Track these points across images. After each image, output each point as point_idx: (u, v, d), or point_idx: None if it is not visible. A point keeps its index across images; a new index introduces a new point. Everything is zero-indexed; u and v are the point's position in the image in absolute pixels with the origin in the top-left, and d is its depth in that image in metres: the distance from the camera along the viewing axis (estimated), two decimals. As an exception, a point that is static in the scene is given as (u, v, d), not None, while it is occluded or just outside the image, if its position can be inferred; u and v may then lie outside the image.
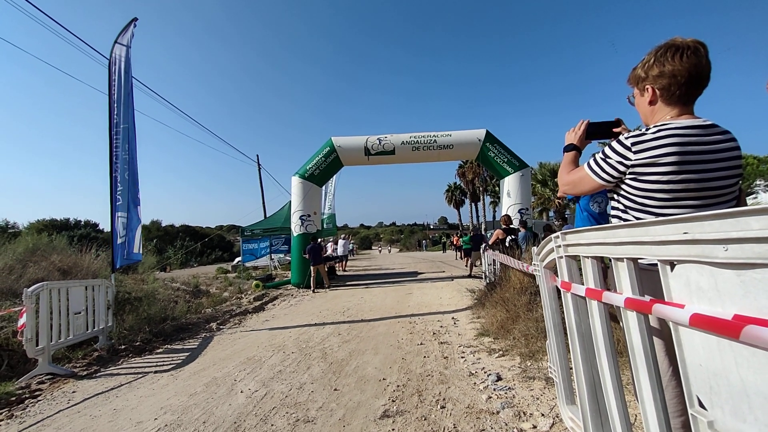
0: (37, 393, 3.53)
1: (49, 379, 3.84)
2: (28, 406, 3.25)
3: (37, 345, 3.89)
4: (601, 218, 4.56)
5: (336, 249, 15.89)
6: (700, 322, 0.85)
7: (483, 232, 12.88)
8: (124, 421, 2.82)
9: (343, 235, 20.48)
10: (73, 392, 3.53)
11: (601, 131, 1.73)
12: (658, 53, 1.34)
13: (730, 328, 0.77)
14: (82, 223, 32.68)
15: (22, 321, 3.84)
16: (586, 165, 1.53)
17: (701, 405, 0.89)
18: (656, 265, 1.03)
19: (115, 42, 5.84)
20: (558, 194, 2.24)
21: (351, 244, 28.35)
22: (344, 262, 17.34)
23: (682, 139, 1.25)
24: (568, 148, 1.71)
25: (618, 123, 1.71)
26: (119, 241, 5.45)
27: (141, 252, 5.96)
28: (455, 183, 45.55)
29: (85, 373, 4.07)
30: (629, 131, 1.48)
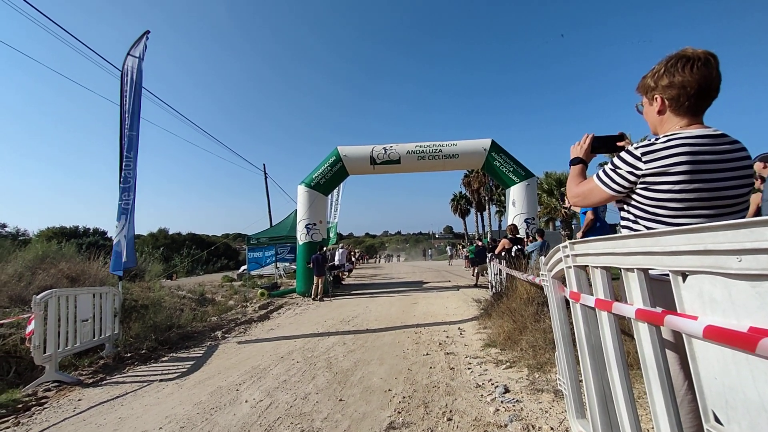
0: (43, 400, 3.54)
1: (55, 387, 3.85)
2: (34, 413, 3.26)
3: (44, 352, 3.91)
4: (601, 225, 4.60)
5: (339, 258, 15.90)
6: (714, 334, 0.83)
7: (485, 245, 12.77)
8: (129, 430, 2.81)
9: (341, 245, 20.41)
10: (79, 400, 3.53)
11: (606, 145, 1.76)
12: (669, 63, 1.33)
13: (745, 341, 0.75)
14: (91, 230, 33.05)
15: (30, 328, 3.87)
16: (595, 176, 1.53)
17: (717, 420, 0.87)
18: (667, 275, 1.02)
19: (128, 54, 5.98)
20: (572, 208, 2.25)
21: (356, 254, 28.12)
22: (342, 272, 17.32)
23: (693, 148, 1.24)
24: (575, 161, 1.72)
25: (622, 137, 1.72)
26: (117, 248, 5.47)
27: (130, 260, 5.74)
28: (461, 192, 45.49)
29: (91, 380, 4.07)
30: (632, 144, 1.48)
